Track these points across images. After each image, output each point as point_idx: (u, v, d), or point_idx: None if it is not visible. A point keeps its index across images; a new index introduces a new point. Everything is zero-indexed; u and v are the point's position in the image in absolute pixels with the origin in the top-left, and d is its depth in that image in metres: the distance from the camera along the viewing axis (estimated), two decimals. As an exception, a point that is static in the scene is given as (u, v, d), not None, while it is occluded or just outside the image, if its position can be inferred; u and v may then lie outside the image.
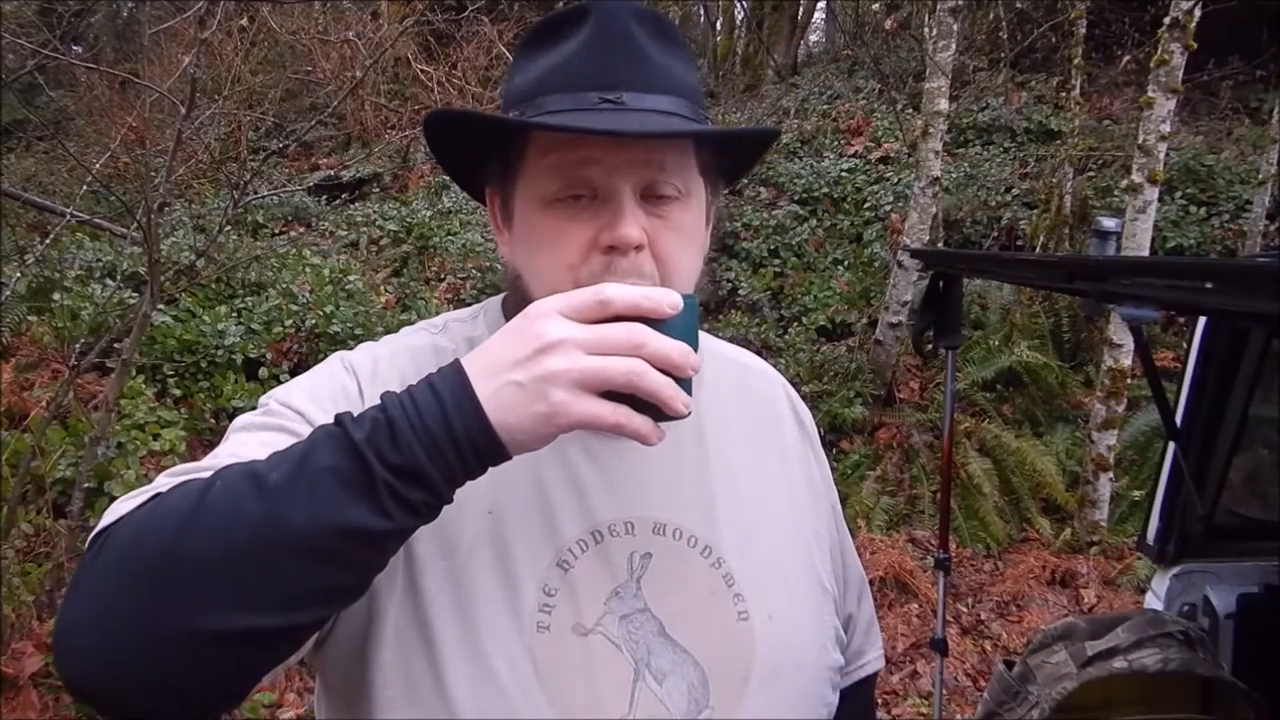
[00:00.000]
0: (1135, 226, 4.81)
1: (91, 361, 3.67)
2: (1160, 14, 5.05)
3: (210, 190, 7.85)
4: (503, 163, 0.86)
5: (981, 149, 8.78)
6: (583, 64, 0.81)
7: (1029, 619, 4.37)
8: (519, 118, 0.82)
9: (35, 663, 2.86)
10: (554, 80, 0.81)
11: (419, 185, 9.18)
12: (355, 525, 0.62)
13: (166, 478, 0.74)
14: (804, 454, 1.00)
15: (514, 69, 0.87)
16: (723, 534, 0.87)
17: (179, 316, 5.14)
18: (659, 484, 0.87)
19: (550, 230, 0.81)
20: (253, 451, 0.72)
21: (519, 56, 0.87)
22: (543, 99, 0.81)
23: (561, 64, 0.81)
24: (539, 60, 0.84)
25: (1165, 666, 1.93)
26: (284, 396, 0.84)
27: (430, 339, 0.92)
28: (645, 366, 0.64)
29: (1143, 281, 1.45)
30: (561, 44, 0.82)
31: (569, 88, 0.80)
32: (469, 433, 0.64)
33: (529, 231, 0.84)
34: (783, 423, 1.00)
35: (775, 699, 0.84)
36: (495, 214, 0.90)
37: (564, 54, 0.82)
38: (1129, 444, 5.45)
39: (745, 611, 0.85)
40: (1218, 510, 2.34)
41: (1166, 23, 4.74)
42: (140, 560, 0.62)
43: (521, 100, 0.83)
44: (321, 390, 0.84)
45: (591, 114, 0.79)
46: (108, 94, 8.17)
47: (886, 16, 10.07)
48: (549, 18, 0.85)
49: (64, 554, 3.18)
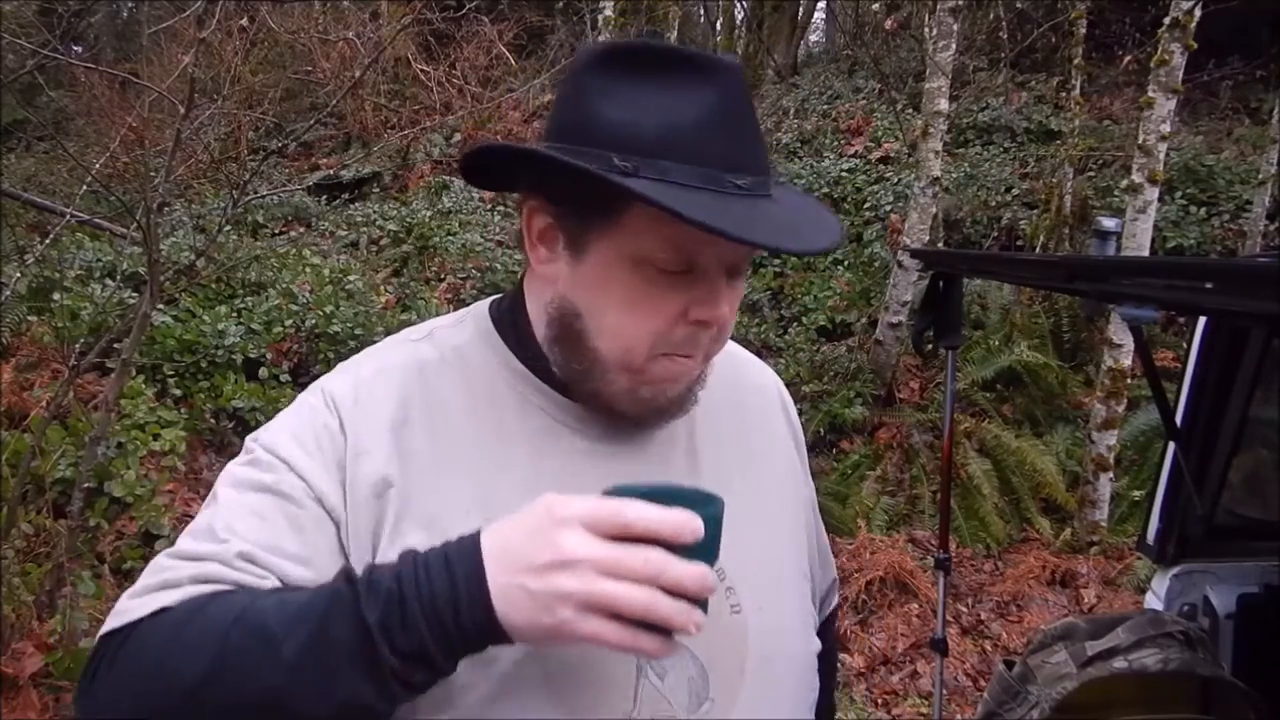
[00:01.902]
0: (1135, 226, 4.80)
1: (91, 361, 3.66)
2: (1160, 14, 5.05)
3: (210, 190, 7.85)
4: (590, 199, 0.78)
5: (981, 149, 8.78)
6: (710, 135, 0.76)
7: (1029, 619, 4.37)
8: (641, 179, 0.75)
9: (35, 663, 2.86)
10: (680, 145, 0.75)
11: (419, 185, 9.18)
12: (361, 702, 0.67)
13: (169, 559, 0.77)
14: (788, 447, 1.02)
15: (602, 91, 0.77)
16: None
17: (179, 316, 5.14)
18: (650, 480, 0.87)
19: (640, 293, 0.79)
20: (246, 526, 0.77)
21: (609, 76, 0.78)
22: (668, 165, 0.74)
23: (688, 128, 0.75)
24: (647, 101, 0.76)
25: (1165, 666, 1.93)
26: (270, 442, 0.83)
27: (413, 350, 0.90)
28: (658, 597, 0.64)
29: (1143, 281, 1.45)
30: (677, 91, 0.76)
31: (698, 160, 0.75)
32: (475, 621, 0.66)
33: (612, 284, 0.80)
34: (772, 417, 1.02)
35: (768, 688, 0.87)
36: (549, 234, 0.84)
37: (687, 115, 0.75)
38: (1129, 444, 5.45)
39: (738, 605, 0.87)
40: (1218, 510, 2.34)
41: (1166, 23, 4.73)
42: (162, 698, 0.69)
43: (632, 149, 0.75)
44: (305, 433, 0.83)
45: (731, 201, 0.75)
46: (107, 94, 8.17)
47: (886, 16, 10.07)
48: (652, 47, 0.78)
49: (64, 554, 3.18)
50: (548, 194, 0.82)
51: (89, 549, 3.71)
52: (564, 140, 0.78)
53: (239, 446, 0.89)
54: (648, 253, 0.78)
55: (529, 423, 0.86)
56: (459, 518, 0.79)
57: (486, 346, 0.89)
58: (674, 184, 0.74)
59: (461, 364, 0.88)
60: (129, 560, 3.79)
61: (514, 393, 0.87)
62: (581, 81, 0.79)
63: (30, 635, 2.96)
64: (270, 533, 0.77)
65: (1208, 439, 2.29)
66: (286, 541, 0.77)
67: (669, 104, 0.76)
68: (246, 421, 4.88)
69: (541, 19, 11.24)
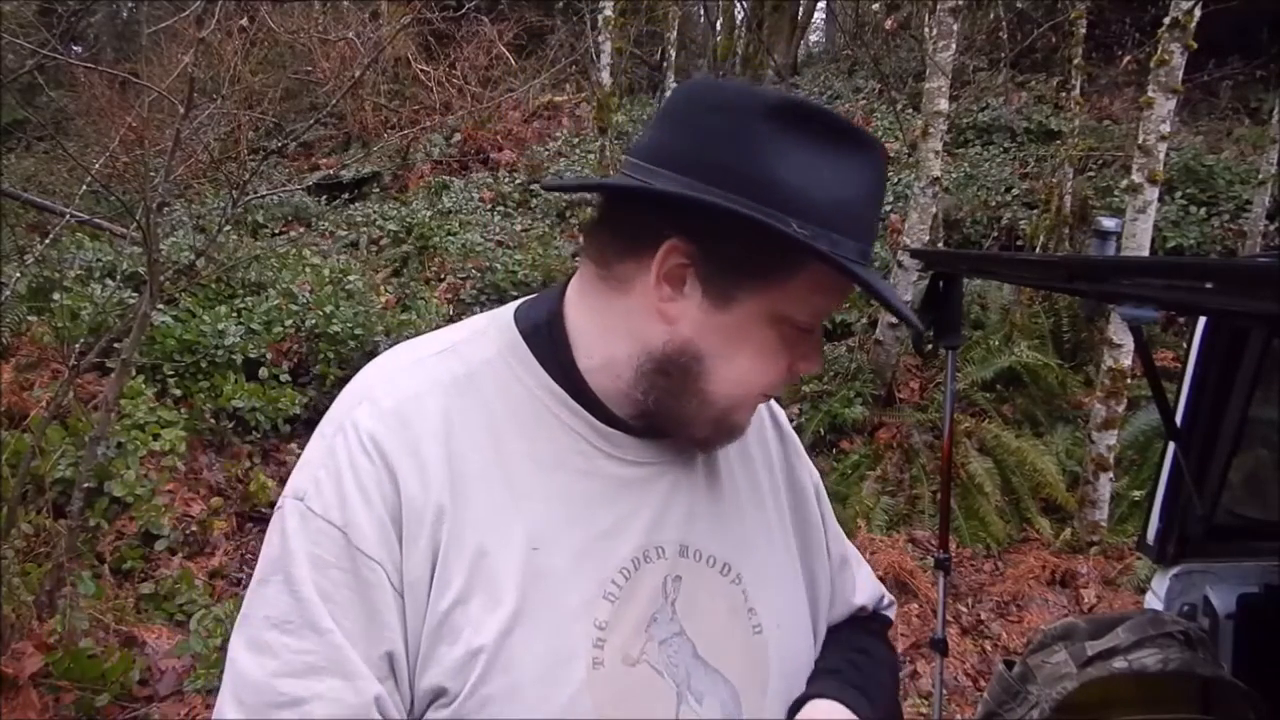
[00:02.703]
0: (1135, 226, 4.80)
1: (91, 361, 3.66)
2: (1160, 14, 5.05)
3: (210, 190, 7.85)
4: (758, 257, 0.79)
5: (981, 149, 8.78)
6: (864, 211, 0.80)
7: (1029, 619, 4.36)
8: (820, 248, 0.76)
9: (35, 663, 2.85)
10: (845, 219, 0.78)
11: (419, 185, 9.18)
12: None
13: (278, 682, 0.75)
14: (782, 452, 1.03)
15: (778, 151, 0.76)
16: (735, 551, 0.90)
17: (179, 316, 5.14)
18: (679, 506, 0.88)
19: (770, 347, 0.82)
20: (349, 627, 0.75)
21: (783, 135, 0.77)
22: (837, 237, 0.77)
23: (852, 203, 0.79)
24: (820, 171, 0.77)
25: (1165, 666, 1.93)
26: (324, 508, 0.78)
27: (439, 368, 0.85)
28: None
29: (1143, 281, 1.45)
30: (844, 163, 0.78)
31: (855, 234, 0.78)
32: None
33: (749, 337, 0.81)
34: (765, 428, 1.03)
35: (784, 704, 0.90)
36: (680, 275, 0.81)
37: (851, 190, 0.79)
38: (1129, 444, 5.45)
39: (759, 625, 0.89)
40: (1218, 510, 2.34)
41: (1166, 23, 4.73)
42: None
43: (806, 216, 0.76)
44: (351, 489, 0.78)
45: (875, 276, 0.80)
46: (107, 94, 8.18)
47: (886, 16, 10.07)
48: (824, 113, 0.79)
49: (64, 554, 3.18)
50: (698, 239, 0.79)
51: (89, 549, 3.71)
52: (728, 189, 0.76)
53: (239, 446, 0.88)
54: (792, 313, 0.81)
55: (563, 445, 0.84)
56: (508, 553, 0.79)
57: (517, 362, 0.86)
58: (843, 257, 0.76)
59: (493, 380, 0.85)
60: (129, 560, 3.79)
61: (548, 413, 0.85)
62: (752, 132, 0.77)
63: (30, 635, 2.96)
64: (361, 631, 0.76)
65: (1208, 439, 2.29)
66: (375, 639, 0.76)
67: (839, 176, 0.78)
68: (246, 421, 4.88)
69: (541, 19, 11.25)
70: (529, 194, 8.94)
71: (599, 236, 0.85)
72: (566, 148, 9.89)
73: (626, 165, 0.82)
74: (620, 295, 0.83)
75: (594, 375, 0.85)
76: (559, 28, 10.73)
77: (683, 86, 0.85)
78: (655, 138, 0.81)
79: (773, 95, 0.78)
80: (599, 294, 0.85)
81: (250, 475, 4.62)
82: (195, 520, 4.18)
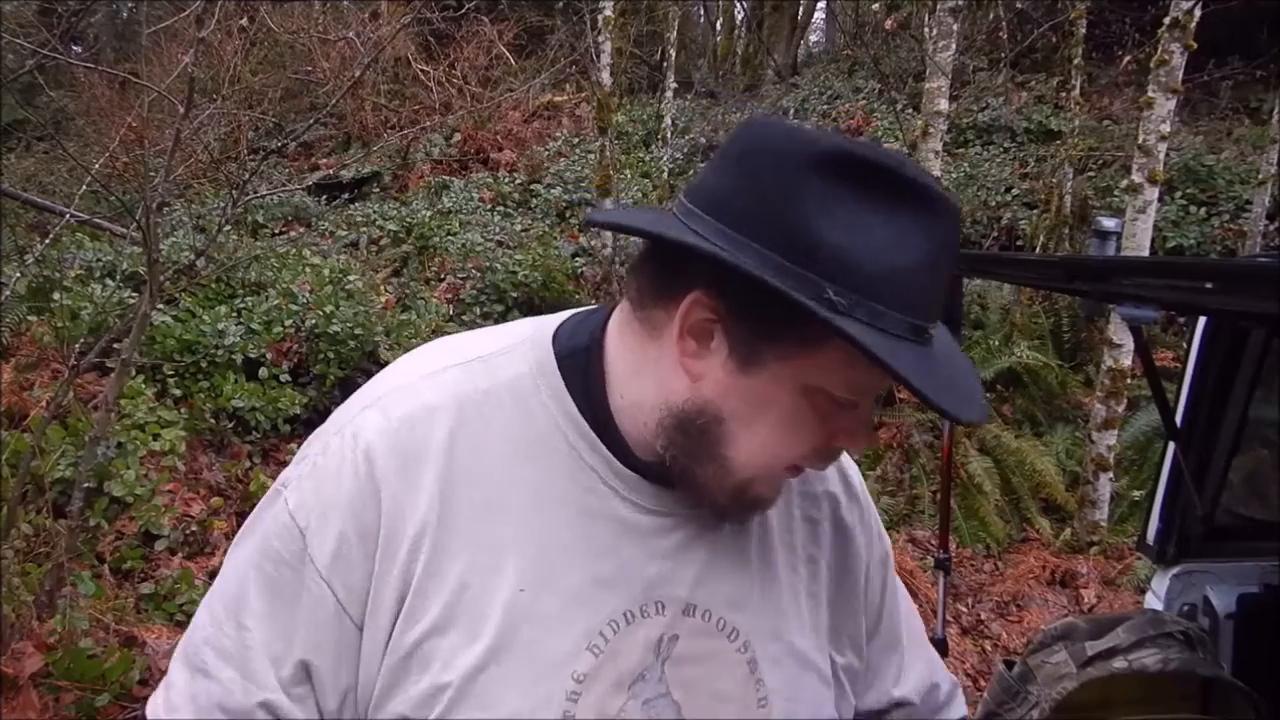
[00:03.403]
0: (1135, 226, 4.81)
1: (91, 361, 3.66)
2: (1160, 14, 5.05)
3: (210, 190, 7.85)
4: (785, 323, 0.71)
5: (981, 149, 8.78)
6: (923, 281, 0.71)
7: (1029, 619, 4.37)
8: (854, 319, 0.69)
9: (35, 663, 2.85)
10: (895, 289, 0.70)
11: (419, 185, 9.18)
12: None
13: (181, 669, 0.82)
14: (837, 518, 0.94)
15: (823, 205, 0.69)
16: (749, 617, 0.84)
17: (179, 316, 5.14)
18: (693, 562, 0.82)
19: (801, 418, 0.75)
20: (259, 626, 0.77)
21: (832, 188, 0.69)
22: (881, 309, 0.69)
23: (907, 271, 0.70)
24: (871, 231, 0.69)
25: (1165, 666, 1.93)
26: (298, 506, 0.78)
27: (460, 380, 0.81)
28: None
29: (1143, 281, 1.45)
30: (902, 225, 0.70)
31: (907, 307, 0.70)
32: None
33: (775, 405, 0.75)
34: (826, 489, 0.94)
35: None
36: (705, 330, 0.75)
37: (908, 256, 0.70)
38: (1129, 444, 5.46)
39: (765, 698, 0.84)
40: (1218, 510, 2.34)
41: (1166, 23, 4.73)
42: None
43: (847, 282, 0.68)
44: (334, 500, 0.77)
45: (928, 355, 0.72)
46: (107, 94, 8.18)
47: (886, 16, 10.06)
48: (885, 166, 0.70)
49: (64, 554, 3.18)
50: (725, 295, 0.73)
51: (89, 549, 3.71)
52: (764, 244, 0.69)
53: (239, 446, 0.89)
54: (826, 385, 0.74)
55: (576, 482, 0.80)
56: (493, 590, 0.76)
57: (545, 385, 0.81)
58: (883, 331, 0.69)
59: (515, 401, 0.80)
60: (129, 560, 3.79)
61: (566, 445, 0.80)
62: (798, 183, 0.70)
63: (30, 635, 2.96)
64: (279, 633, 0.77)
65: (1208, 439, 2.29)
66: (295, 644, 0.77)
67: (893, 239, 0.70)
68: (246, 421, 4.88)
69: (541, 19, 11.24)
70: (529, 194, 8.94)
71: (639, 275, 0.80)
72: (566, 148, 9.89)
73: (679, 206, 0.76)
74: (651, 340, 0.78)
75: (623, 415, 0.80)
76: (559, 28, 10.73)
77: (743, 125, 0.78)
78: (706, 178, 0.76)
79: (827, 143, 0.70)
80: (634, 333, 0.80)
81: (250, 475, 4.62)
82: (195, 520, 4.17)
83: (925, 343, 0.72)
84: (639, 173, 9.07)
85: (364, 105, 9.87)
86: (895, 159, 0.71)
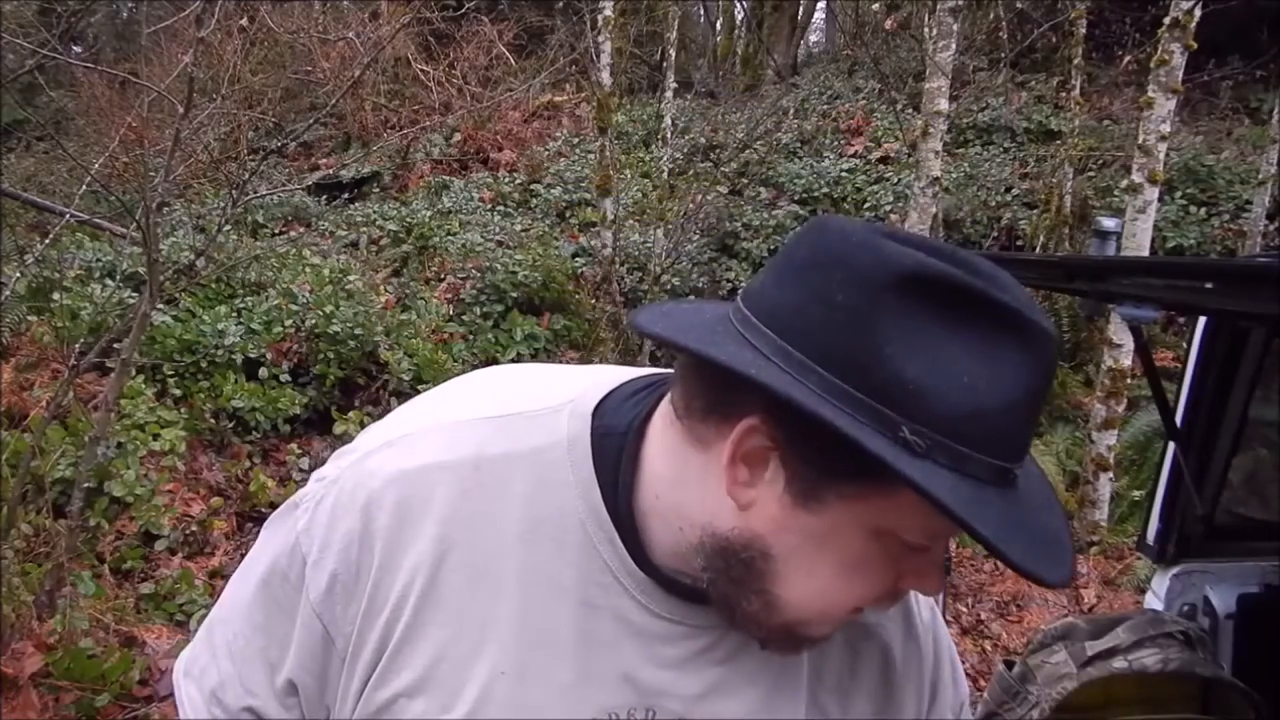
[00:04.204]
0: (1135, 226, 4.81)
1: (91, 361, 3.66)
2: (1160, 14, 5.05)
3: (210, 190, 7.85)
4: (856, 464, 0.63)
5: (981, 149, 8.78)
6: (1013, 423, 0.63)
7: (1029, 619, 4.37)
8: (931, 463, 0.61)
9: (35, 663, 2.85)
10: (981, 431, 0.62)
11: (419, 185, 9.19)
12: None
13: (204, 638, 0.82)
14: (885, 654, 0.84)
15: (904, 334, 0.61)
16: None
17: (179, 316, 5.14)
18: (701, 674, 0.76)
19: (866, 560, 0.68)
20: (247, 659, 0.78)
21: (915, 313, 0.62)
22: (964, 452, 0.62)
23: (995, 413, 0.62)
24: (956, 365, 0.62)
25: (1165, 666, 1.93)
26: (305, 532, 0.76)
27: (483, 437, 0.76)
28: None
29: (1143, 281, 1.45)
30: (993, 360, 0.62)
31: (993, 450, 0.63)
32: None
33: (837, 545, 0.67)
34: (874, 630, 0.84)
35: None
36: (760, 459, 0.67)
37: (998, 396, 0.62)
38: (1129, 444, 5.46)
39: None
40: (1218, 510, 2.34)
41: (1166, 23, 4.74)
42: None
43: (926, 421, 0.61)
44: (327, 548, 0.75)
45: (1014, 504, 0.64)
46: (107, 94, 8.18)
47: (886, 16, 10.08)
48: (976, 291, 0.62)
49: (64, 554, 3.18)
50: (785, 426, 0.65)
51: (89, 549, 3.71)
52: (833, 369, 0.62)
53: (239, 446, 0.88)
54: (899, 529, 0.66)
55: (584, 572, 0.74)
56: (471, 667, 0.73)
57: (570, 462, 0.75)
58: (964, 474, 0.62)
59: (537, 473, 0.75)
60: (129, 560, 3.79)
61: (582, 530, 0.74)
62: (874, 304, 0.62)
63: (30, 635, 2.96)
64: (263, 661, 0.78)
65: (1208, 439, 2.29)
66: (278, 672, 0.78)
67: (981, 374, 0.62)
68: (246, 421, 4.89)
69: (541, 19, 11.25)
70: (529, 194, 8.95)
71: (686, 382, 0.71)
72: (566, 148, 9.90)
73: (737, 312, 0.68)
74: (696, 451, 0.70)
75: (651, 517, 0.74)
76: (559, 28, 10.73)
77: (808, 228, 0.69)
78: (768, 287, 0.68)
79: (910, 261, 0.62)
80: (679, 439, 0.72)
81: (250, 475, 4.62)
82: (195, 520, 4.18)
83: (1010, 484, 0.65)
84: (639, 173, 9.08)
85: (364, 105, 9.87)
86: (986, 276, 0.63)
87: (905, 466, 0.60)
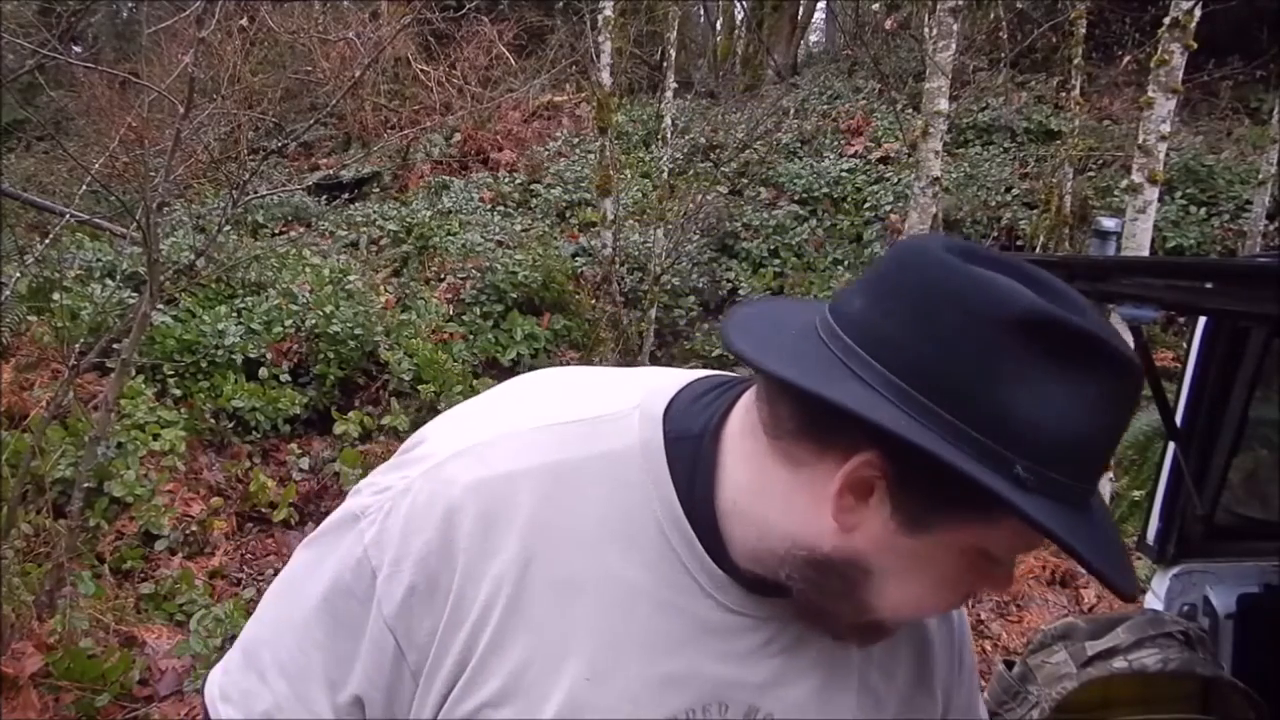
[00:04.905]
0: (1135, 226, 4.81)
1: (91, 361, 3.66)
2: (1160, 14, 5.05)
3: (210, 190, 7.86)
4: (965, 496, 0.65)
5: (981, 149, 8.79)
6: (1102, 449, 0.68)
7: (1029, 619, 4.37)
8: (1036, 495, 0.65)
9: (35, 663, 2.86)
10: (1077, 458, 0.66)
11: (419, 185, 9.18)
12: None
13: (240, 661, 0.79)
14: (922, 638, 0.88)
15: (1019, 375, 0.64)
16: None
17: (179, 316, 5.15)
18: (768, 664, 0.78)
19: (957, 575, 0.73)
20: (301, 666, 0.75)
21: (1029, 355, 0.64)
22: (1062, 480, 0.66)
23: (1089, 441, 0.66)
24: (1061, 400, 0.64)
25: (1165, 666, 1.93)
26: (375, 541, 0.75)
27: (559, 442, 0.77)
28: None
29: (1143, 281, 1.45)
30: (1092, 392, 0.65)
31: (1083, 475, 0.67)
32: None
33: (935, 564, 0.71)
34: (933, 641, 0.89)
35: None
36: (867, 488, 0.69)
37: (1093, 425, 0.66)
38: (1129, 444, 5.45)
39: None
40: (1218, 510, 2.34)
41: (1166, 23, 4.74)
42: None
43: (1033, 454, 0.64)
44: (403, 560, 0.74)
45: (1097, 523, 0.69)
46: (107, 94, 8.18)
47: (886, 16, 10.07)
48: (1087, 334, 0.65)
49: (64, 554, 3.18)
50: (898, 460, 0.67)
51: (89, 549, 3.72)
52: (947, 407, 0.64)
53: (239, 446, 0.87)
54: (992, 549, 0.71)
55: (661, 573, 0.75)
56: (557, 675, 0.74)
57: (646, 466, 0.76)
58: (1061, 502, 0.66)
59: (612, 478, 0.75)
60: (129, 560, 3.79)
61: (658, 532, 0.75)
62: (990, 347, 0.64)
63: (30, 635, 2.96)
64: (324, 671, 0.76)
65: (1208, 439, 2.28)
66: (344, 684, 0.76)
67: (1082, 408, 0.65)
68: (246, 421, 4.89)
69: (541, 19, 11.25)
70: (529, 194, 8.95)
71: (779, 404, 0.72)
72: (566, 148, 9.90)
73: (830, 333, 0.70)
74: (785, 468, 0.72)
75: (729, 519, 0.75)
76: (559, 28, 10.73)
77: (905, 252, 0.71)
78: (871, 315, 0.68)
79: (1023, 302, 0.64)
80: (763, 450, 0.73)
81: (250, 475, 4.62)
82: (195, 520, 4.18)
83: (1089, 505, 0.69)
84: (639, 173, 9.08)
85: (364, 105, 9.87)
86: (1092, 320, 0.66)
87: (1020, 501, 0.63)
